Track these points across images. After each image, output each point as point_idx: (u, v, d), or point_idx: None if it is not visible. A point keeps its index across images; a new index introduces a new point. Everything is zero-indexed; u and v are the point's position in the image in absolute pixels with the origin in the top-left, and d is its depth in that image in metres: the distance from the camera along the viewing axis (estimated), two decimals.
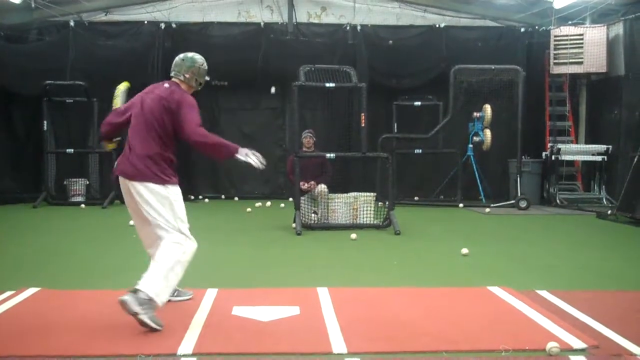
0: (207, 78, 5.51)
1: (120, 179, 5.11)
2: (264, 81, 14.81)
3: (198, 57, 5.41)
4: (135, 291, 4.63)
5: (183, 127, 5.01)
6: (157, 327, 4.62)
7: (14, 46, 14.43)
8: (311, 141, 10.75)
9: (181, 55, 5.40)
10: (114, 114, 5.35)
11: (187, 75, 5.30)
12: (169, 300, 5.18)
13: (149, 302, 4.61)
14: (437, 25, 15.16)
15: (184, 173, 14.45)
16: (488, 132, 14.02)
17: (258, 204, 13.65)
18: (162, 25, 14.59)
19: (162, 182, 4.97)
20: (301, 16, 15.18)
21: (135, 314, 4.57)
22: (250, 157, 5.09)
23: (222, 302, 5.54)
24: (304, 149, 10.67)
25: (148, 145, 5.01)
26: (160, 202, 4.94)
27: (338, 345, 4.45)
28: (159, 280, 4.70)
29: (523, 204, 13.19)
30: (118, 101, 5.46)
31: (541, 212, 13.05)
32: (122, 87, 5.60)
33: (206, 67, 5.45)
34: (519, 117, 13.51)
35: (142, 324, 4.60)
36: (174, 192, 5.02)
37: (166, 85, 5.23)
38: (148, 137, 5.02)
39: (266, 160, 5.23)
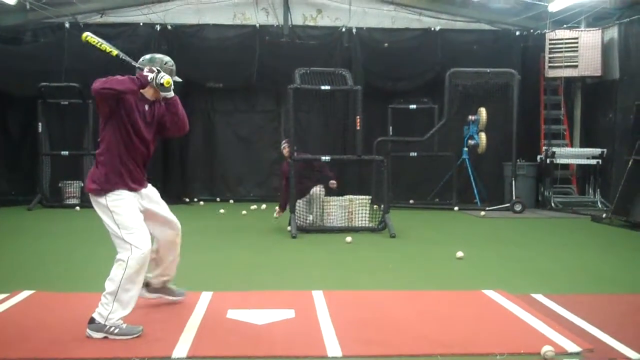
0: (178, 79, 5.14)
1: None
2: (259, 84, 14.87)
3: (158, 56, 5.15)
4: (91, 320, 4.67)
5: None
6: (131, 337, 4.61)
7: (9, 48, 14.38)
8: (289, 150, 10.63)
9: (141, 58, 5.12)
10: None
11: None
12: (160, 297, 5.35)
13: (107, 324, 4.63)
14: (433, 29, 15.18)
15: (179, 176, 14.70)
16: (483, 136, 14.05)
17: (253, 206, 13.64)
18: (158, 27, 14.59)
19: (98, 192, 4.82)
20: (296, 19, 15.18)
21: (105, 337, 4.61)
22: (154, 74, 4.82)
23: (217, 305, 5.52)
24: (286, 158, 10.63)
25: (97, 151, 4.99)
26: (104, 212, 4.83)
27: (333, 348, 4.44)
28: (109, 305, 4.65)
29: (518, 207, 13.21)
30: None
31: (536, 215, 13.07)
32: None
33: (171, 67, 5.12)
34: (514, 120, 13.55)
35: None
36: (113, 200, 4.79)
37: None
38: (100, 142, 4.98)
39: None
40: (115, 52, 4.93)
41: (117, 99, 4.75)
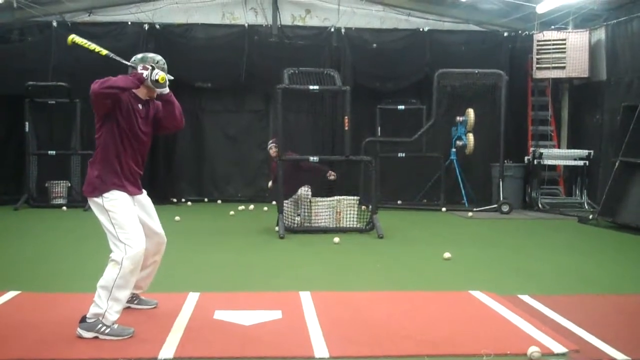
0: (171, 77, 5.06)
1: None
2: (247, 83, 14.84)
3: (150, 55, 5.13)
4: (83, 319, 4.65)
5: None
6: (121, 338, 4.60)
7: None
8: (277, 151, 10.58)
9: (132, 58, 5.09)
10: None
11: None
12: (129, 307, 5.25)
13: (99, 323, 4.61)
14: (421, 29, 15.20)
15: (166, 176, 14.64)
16: (471, 136, 14.09)
17: (241, 207, 13.61)
18: (146, 27, 14.51)
19: (95, 194, 4.89)
20: (285, 19, 15.17)
21: (95, 337, 4.59)
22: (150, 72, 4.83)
23: (204, 306, 5.51)
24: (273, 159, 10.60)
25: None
26: (101, 213, 4.86)
27: (320, 349, 4.44)
28: (103, 304, 4.63)
29: (505, 208, 13.25)
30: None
31: (523, 216, 13.11)
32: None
33: (163, 65, 5.09)
34: (501, 121, 13.56)
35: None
36: (109, 200, 4.83)
37: None
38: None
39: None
40: (104, 52, 4.92)
41: (115, 100, 4.74)
